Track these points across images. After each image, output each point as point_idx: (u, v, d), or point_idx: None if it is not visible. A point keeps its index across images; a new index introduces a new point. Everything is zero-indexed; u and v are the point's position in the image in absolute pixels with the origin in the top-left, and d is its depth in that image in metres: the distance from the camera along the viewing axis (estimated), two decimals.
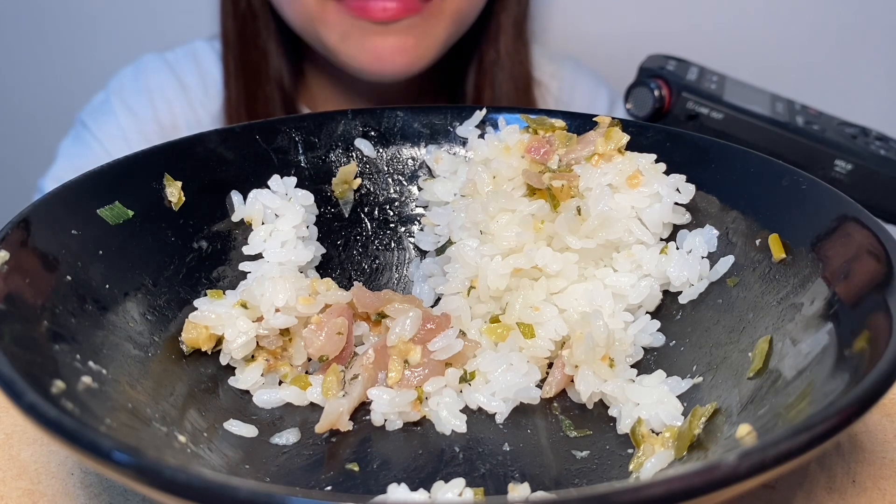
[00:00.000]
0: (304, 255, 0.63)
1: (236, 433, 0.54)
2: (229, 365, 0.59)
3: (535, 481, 0.50)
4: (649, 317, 0.61)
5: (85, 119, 1.17)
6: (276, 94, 1.12)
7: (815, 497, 0.51)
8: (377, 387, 0.56)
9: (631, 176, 0.61)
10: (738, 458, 0.36)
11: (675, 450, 0.50)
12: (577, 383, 0.56)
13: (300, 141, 0.68)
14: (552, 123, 0.66)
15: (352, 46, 1.02)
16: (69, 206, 0.56)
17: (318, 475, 0.51)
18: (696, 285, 0.60)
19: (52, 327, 0.48)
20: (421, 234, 0.70)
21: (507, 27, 1.14)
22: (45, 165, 1.16)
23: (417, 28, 1.01)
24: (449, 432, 0.55)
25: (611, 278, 0.61)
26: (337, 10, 1.00)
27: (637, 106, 0.93)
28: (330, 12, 1.01)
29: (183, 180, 0.62)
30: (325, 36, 1.03)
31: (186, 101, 1.17)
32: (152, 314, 0.57)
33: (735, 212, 0.60)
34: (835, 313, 0.49)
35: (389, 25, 1.00)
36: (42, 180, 1.14)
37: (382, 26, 1.00)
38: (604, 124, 0.65)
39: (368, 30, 1.01)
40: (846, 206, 0.54)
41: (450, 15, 1.03)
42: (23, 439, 0.55)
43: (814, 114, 0.96)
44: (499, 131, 0.68)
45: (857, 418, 0.38)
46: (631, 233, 0.61)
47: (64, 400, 0.43)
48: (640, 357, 0.60)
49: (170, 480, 0.35)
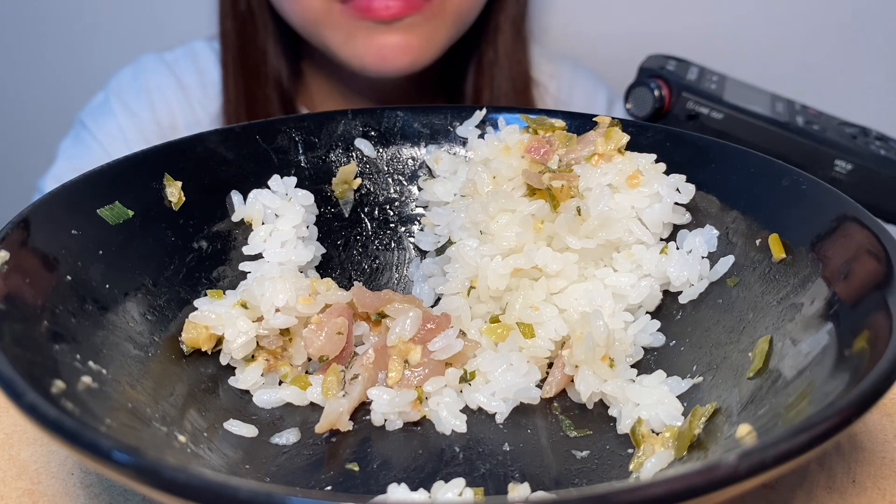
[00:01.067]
0: (304, 255, 0.63)
1: (236, 433, 0.54)
2: (229, 365, 0.59)
3: (535, 481, 0.50)
4: (649, 317, 0.61)
5: (84, 119, 1.17)
6: (274, 94, 1.12)
7: (815, 497, 0.51)
8: (377, 387, 0.56)
9: (631, 176, 0.61)
10: (738, 458, 0.36)
11: (675, 450, 0.50)
12: (577, 383, 0.56)
13: (300, 141, 0.68)
14: (552, 123, 0.66)
15: (356, 45, 1.02)
16: (69, 206, 0.56)
17: (318, 475, 0.51)
18: (696, 285, 0.60)
19: (52, 327, 0.48)
20: (421, 234, 0.70)
21: (506, 27, 1.14)
22: (45, 165, 1.16)
23: (420, 26, 1.02)
24: (449, 432, 0.55)
25: (611, 278, 0.61)
26: (341, 11, 1.01)
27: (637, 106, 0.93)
28: (334, 13, 1.01)
29: (183, 180, 0.62)
30: (328, 36, 1.03)
31: (186, 102, 1.17)
32: (152, 314, 0.57)
33: (735, 212, 0.60)
34: (835, 313, 0.49)
35: (393, 24, 1.00)
36: (42, 180, 1.14)
37: (386, 25, 1.00)
38: (604, 124, 0.65)
39: (372, 29, 1.01)
40: (846, 206, 0.54)
41: (451, 13, 1.04)
42: (23, 439, 0.55)
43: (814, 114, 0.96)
44: (499, 131, 0.68)
45: (857, 418, 0.38)
46: (631, 233, 0.61)
47: (64, 400, 0.43)
48: (640, 357, 0.60)
49: (170, 480, 0.35)
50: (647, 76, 0.93)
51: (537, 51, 1.24)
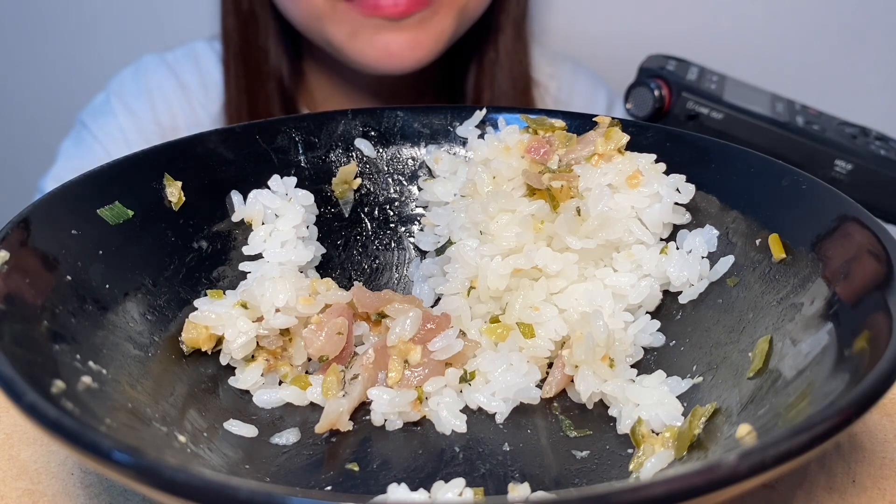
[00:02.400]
0: (304, 255, 0.63)
1: (236, 433, 0.54)
2: (229, 365, 0.59)
3: (535, 481, 0.50)
4: (649, 317, 0.61)
5: (85, 120, 1.17)
6: (276, 93, 1.12)
7: (815, 497, 0.51)
8: (377, 387, 0.56)
9: (631, 176, 0.61)
10: (738, 458, 0.36)
11: (675, 450, 0.50)
12: (577, 383, 0.56)
13: (300, 141, 0.68)
14: (552, 123, 0.66)
15: (361, 43, 1.02)
16: (69, 206, 0.56)
17: (318, 475, 0.51)
18: (696, 285, 0.60)
19: (52, 327, 0.48)
20: (421, 234, 0.70)
21: (507, 27, 1.14)
22: (45, 165, 1.16)
23: (426, 22, 1.01)
24: (449, 432, 0.55)
25: (611, 278, 0.61)
26: (346, 9, 1.00)
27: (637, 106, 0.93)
28: (338, 10, 1.00)
29: (183, 180, 0.62)
30: (333, 34, 1.03)
31: (186, 102, 1.17)
32: (152, 314, 0.57)
33: (735, 212, 0.60)
34: (835, 313, 0.49)
35: (401, 21, 1.00)
36: (42, 180, 1.14)
37: (393, 22, 1.00)
38: (604, 124, 0.65)
39: (379, 27, 1.00)
40: (846, 206, 0.54)
41: (457, 8, 1.04)
42: (23, 439, 0.55)
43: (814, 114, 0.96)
44: (499, 131, 0.68)
45: (857, 418, 0.38)
46: (631, 233, 0.61)
47: (64, 400, 0.43)
48: (640, 357, 0.60)
49: (170, 480, 0.35)
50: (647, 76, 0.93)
51: (538, 51, 1.24)
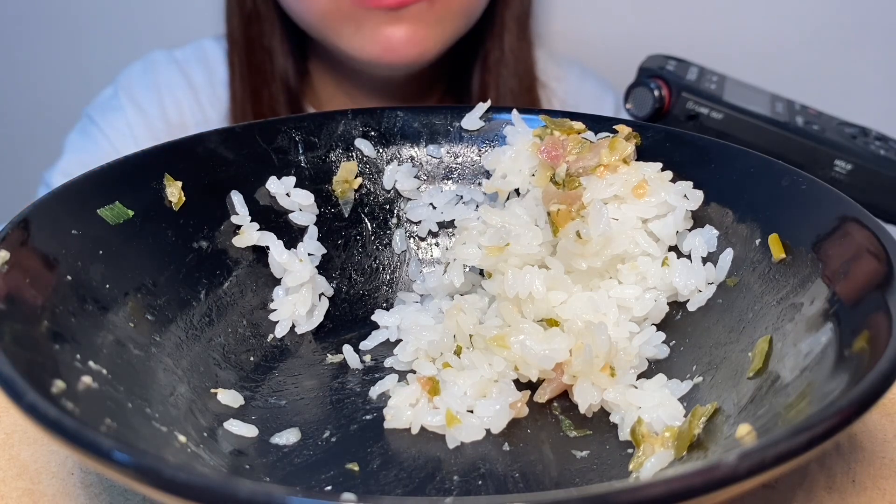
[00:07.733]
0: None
1: (236, 433, 0.54)
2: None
3: (535, 481, 0.50)
4: (654, 328, 0.59)
5: (92, 114, 1.16)
6: (281, 93, 1.12)
7: (815, 497, 0.51)
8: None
9: (636, 186, 0.60)
10: (738, 458, 0.36)
11: (675, 450, 0.50)
12: (575, 394, 0.56)
13: (300, 141, 0.68)
14: (572, 125, 0.65)
15: (363, 38, 1.02)
16: (69, 206, 0.56)
17: (318, 475, 0.51)
18: (704, 291, 0.59)
19: (52, 327, 0.48)
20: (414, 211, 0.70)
21: (511, 24, 1.14)
22: (47, 164, 1.16)
23: (427, 16, 1.01)
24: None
25: (615, 290, 0.60)
26: (349, 5, 1.00)
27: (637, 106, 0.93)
28: (342, 6, 1.01)
29: (183, 180, 0.62)
30: (337, 30, 1.03)
31: (195, 100, 1.17)
32: (152, 314, 0.57)
33: (735, 212, 0.60)
34: (835, 313, 0.49)
35: (400, 12, 1.00)
36: (47, 173, 1.13)
37: (394, 15, 1.00)
38: (623, 133, 0.64)
39: (380, 19, 1.00)
40: (846, 206, 0.54)
41: (458, 4, 1.04)
42: (23, 439, 0.55)
43: (814, 114, 0.96)
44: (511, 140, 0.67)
45: (857, 418, 0.38)
46: (637, 244, 0.60)
47: (64, 400, 0.43)
48: (645, 368, 0.59)
49: (170, 480, 0.35)
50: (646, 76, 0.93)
51: (544, 55, 1.24)
